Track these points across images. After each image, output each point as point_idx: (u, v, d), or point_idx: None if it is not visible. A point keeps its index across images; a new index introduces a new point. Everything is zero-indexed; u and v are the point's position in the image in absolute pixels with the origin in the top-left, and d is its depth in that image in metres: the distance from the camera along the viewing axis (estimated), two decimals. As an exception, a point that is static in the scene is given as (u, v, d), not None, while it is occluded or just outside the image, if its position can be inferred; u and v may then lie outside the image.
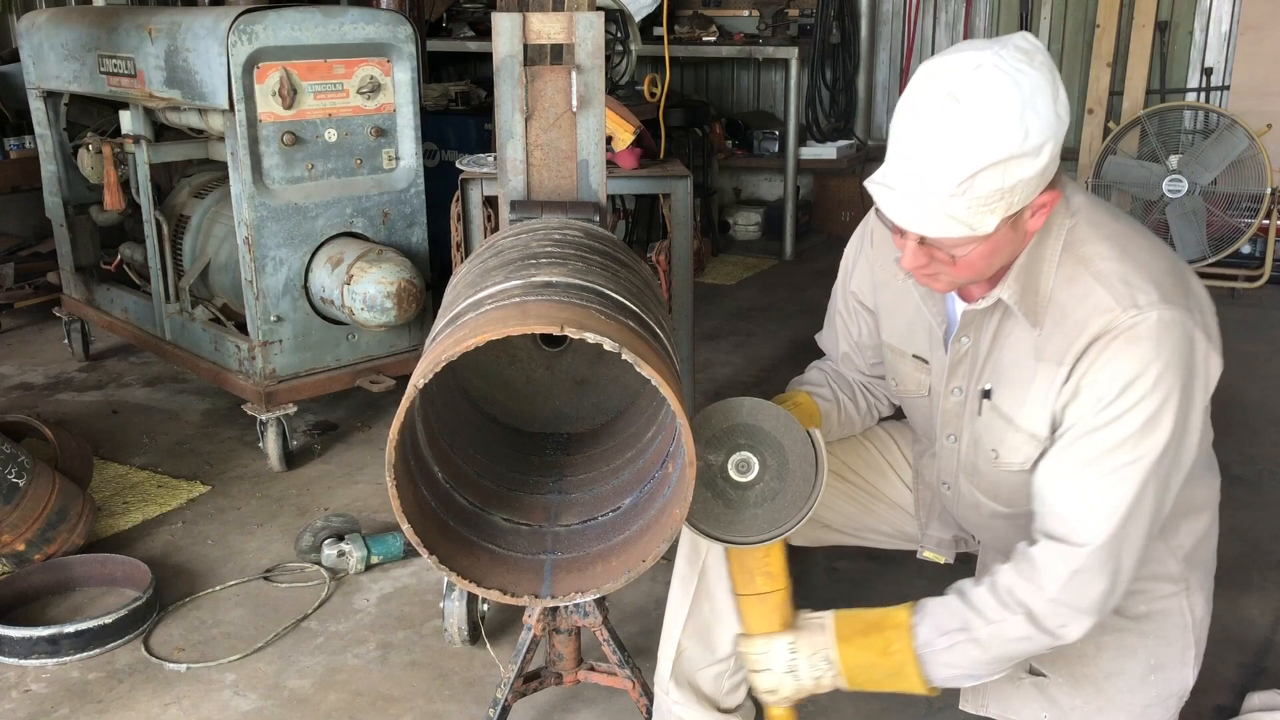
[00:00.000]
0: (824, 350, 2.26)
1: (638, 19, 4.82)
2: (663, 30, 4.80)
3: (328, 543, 3.00)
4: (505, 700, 2.15)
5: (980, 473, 1.91)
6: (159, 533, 3.25)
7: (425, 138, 3.80)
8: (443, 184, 3.54)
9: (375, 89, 3.59)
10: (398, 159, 3.72)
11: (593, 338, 1.52)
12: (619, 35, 3.55)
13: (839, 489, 2.21)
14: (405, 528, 1.61)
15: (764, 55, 6.36)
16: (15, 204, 5.30)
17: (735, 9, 6.75)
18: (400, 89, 3.65)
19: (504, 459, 2.10)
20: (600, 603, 2.13)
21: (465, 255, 3.12)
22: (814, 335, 2.29)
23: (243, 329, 3.68)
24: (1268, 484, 3.50)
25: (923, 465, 2.15)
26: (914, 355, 1.98)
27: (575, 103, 2.17)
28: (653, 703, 2.13)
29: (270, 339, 3.54)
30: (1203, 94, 5.89)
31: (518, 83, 2.17)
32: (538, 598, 1.70)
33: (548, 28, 2.15)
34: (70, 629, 2.63)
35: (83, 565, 2.95)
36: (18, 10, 7.53)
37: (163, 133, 3.86)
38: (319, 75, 3.46)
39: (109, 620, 2.66)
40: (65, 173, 4.35)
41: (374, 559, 3.02)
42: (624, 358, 1.53)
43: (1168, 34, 5.95)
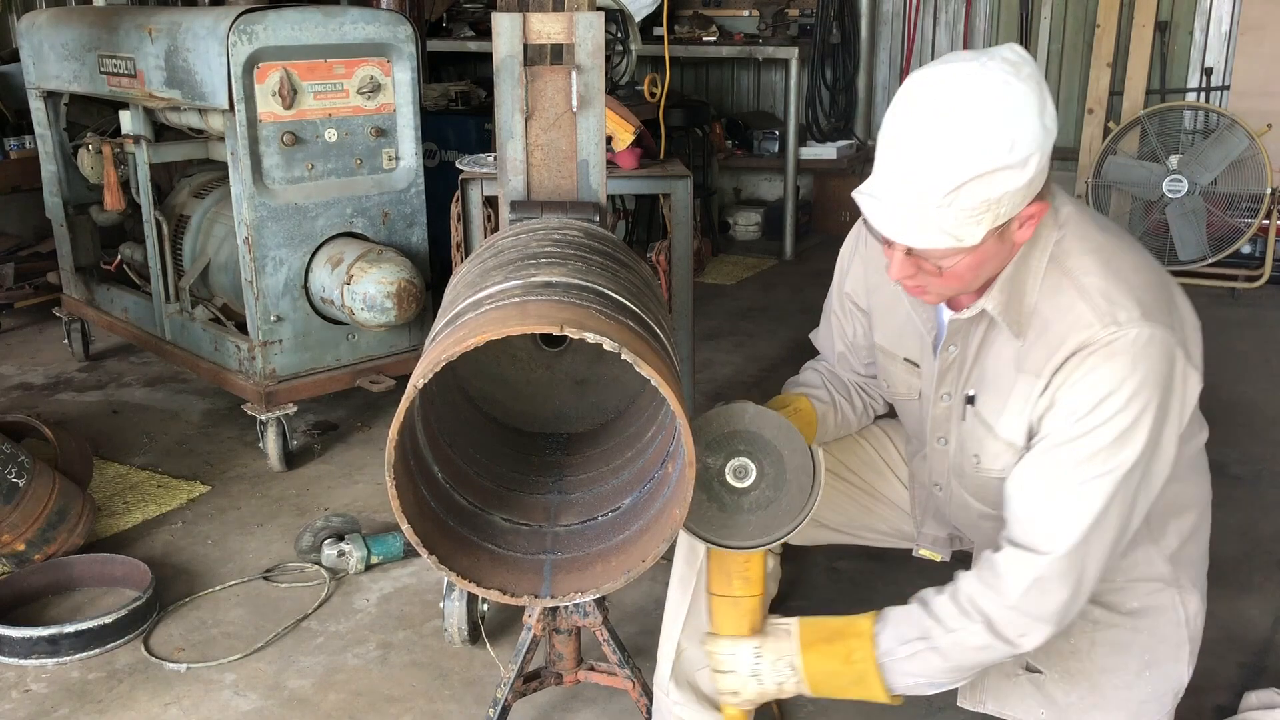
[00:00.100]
0: (819, 349, 2.27)
1: (638, 19, 4.82)
2: (663, 30, 4.80)
3: (328, 543, 3.00)
4: (505, 700, 2.15)
5: (966, 475, 1.93)
6: (159, 533, 3.25)
7: (425, 138, 3.80)
8: (443, 184, 3.55)
9: (375, 89, 3.59)
10: (398, 159, 3.72)
11: (593, 338, 1.52)
12: (619, 35, 3.55)
13: (836, 488, 2.22)
14: (405, 528, 1.61)
15: (764, 55, 6.36)
16: (15, 204, 5.30)
17: (735, 9, 6.75)
18: (400, 89, 3.65)
19: (504, 459, 2.10)
20: (600, 603, 2.13)
21: (465, 255, 3.12)
22: (809, 335, 2.31)
23: (243, 329, 3.68)
24: (1268, 484, 3.50)
25: (915, 466, 2.17)
26: (905, 359, 2.00)
27: (575, 103, 2.17)
28: (653, 703, 2.14)
29: (270, 339, 3.54)
30: (1203, 94, 5.89)
31: (518, 83, 2.17)
32: (538, 598, 1.70)
33: (548, 28, 2.15)
34: (70, 629, 2.63)
35: (83, 565, 2.95)
36: (18, 10, 7.53)
37: (163, 133, 3.86)
38: (319, 75, 3.46)
39: (109, 620, 2.66)
40: (65, 173, 4.35)
41: (374, 559, 3.02)
42: (624, 358, 1.53)
43: (1168, 34, 5.95)
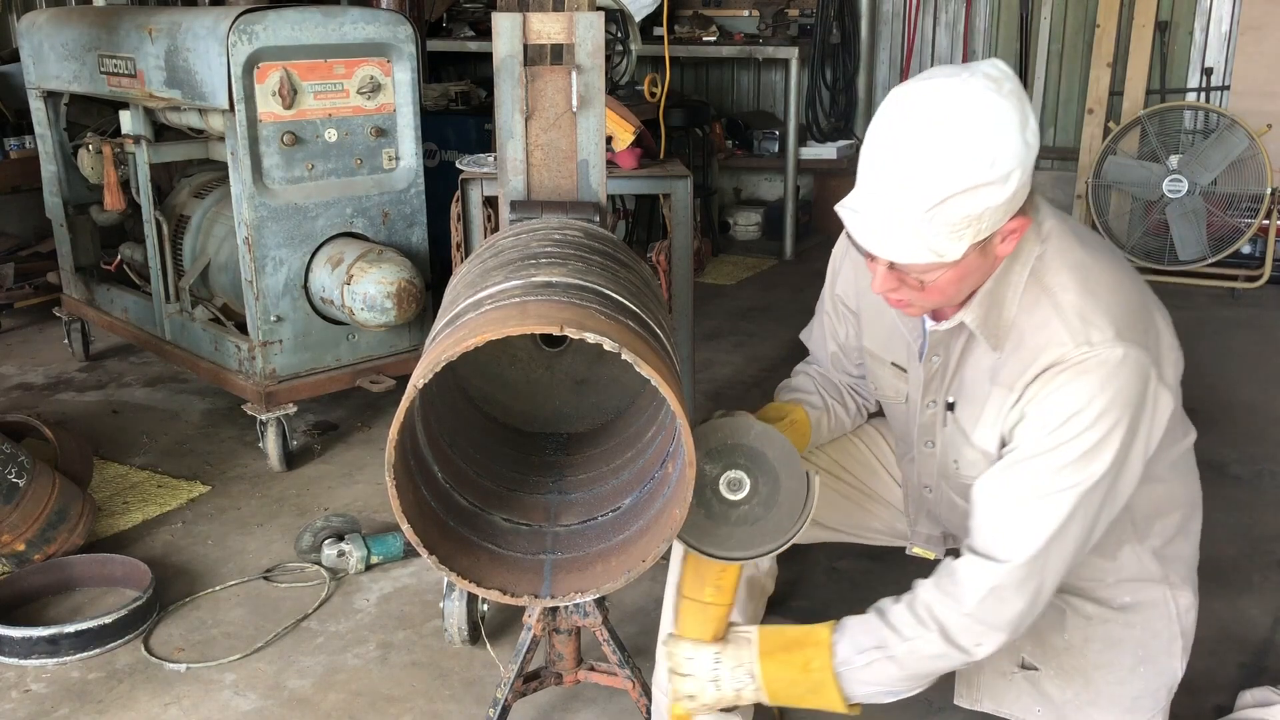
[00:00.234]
0: (810, 350, 2.29)
1: (638, 19, 4.82)
2: (663, 30, 4.80)
3: (328, 543, 3.00)
4: (505, 700, 2.15)
5: (951, 478, 1.96)
6: (159, 533, 3.25)
7: (425, 138, 3.80)
8: (443, 184, 3.54)
9: (375, 89, 3.59)
10: (398, 159, 3.72)
11: (593, 338, 1.52)
12: (619, 35, 3.55)
13: (832, 487, 2.25)
14: (405, 528, 1.61)
15: (764, 55, 6.35)
16: (15, 204, 5.30)
17: (735, 9, 6.75)
18: (400, 89, 3.65)
19: (504, 459, 2.10)
20: (600, 603, 2.13)
21: (465, 255, 3.12)
22: (800, 334, 2.32)
23: (243, 329, 3.68)
24: (1268, 484, 3.50)
25: (905, 467, 2.19)
26: (893, 364, 2.02)
27: (575, 103, 2.17)
28: (652, 703, 2.14)
29: (270, 339, 3.54)
30: (1203, 94, 5.89)
31: (518, 83, 2.17)
32: (538, 598, 1.70)
33: (548, 28, 2.15)
34: (70, 629, 2.63)
35: (83, 565, 2.95)
36: (18, 10, 7.53)
37: (163, 133, 3.85)
38: (319, 75, 3.46)
39: (109, 620, 2.66)
40: (65, 173, 4.35)
41: (374, 559, 3.02)
42: (624, 358, 1.53)
43: (1168, 34, 5.95)
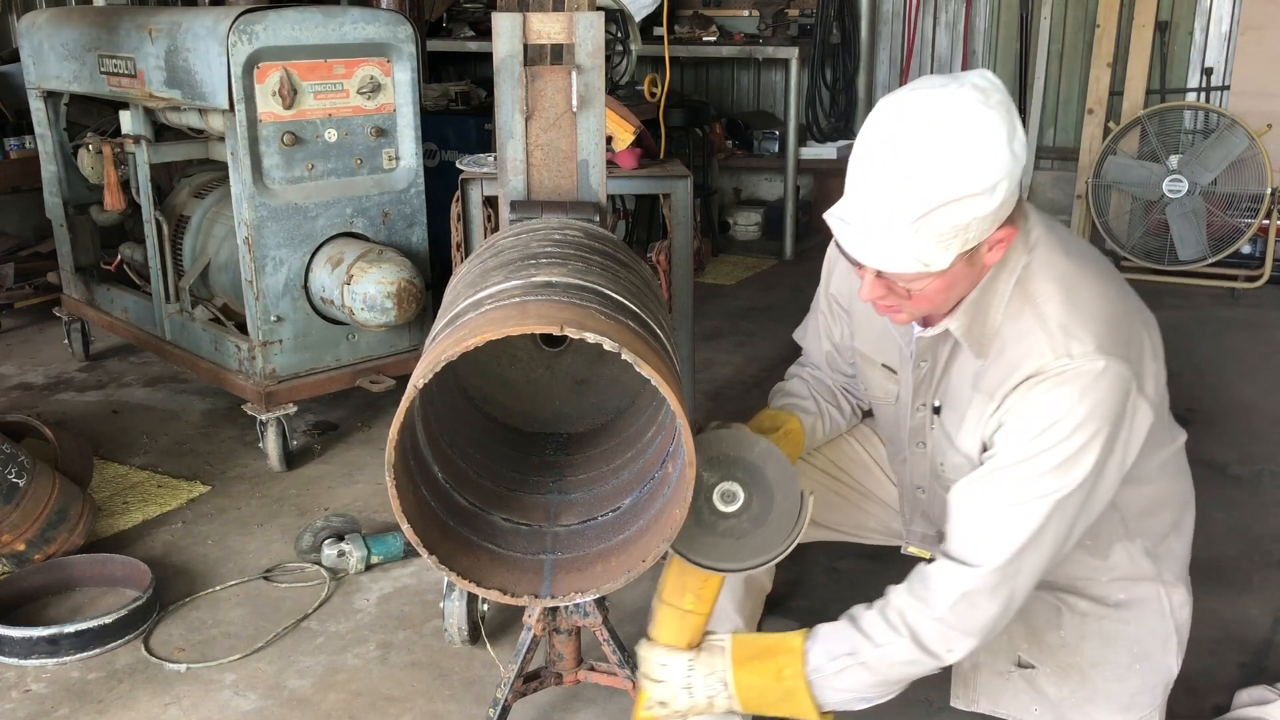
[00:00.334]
0: (804, 349, 2.30)
1: (638, 19, 4.82)
2: (663, 30, 4.79)
3: (328, 543, 3.00)
4: (505, 700, 2.15)
5: (939, 479, 1.98)
6: (159, 533, 3.25)
7: (425, 138, 3.79)
8: (443, 184, 3.55)
9: (375, 89, 3.59)
10: (398, 159, 3.72)
11: (593, 338, 1.52)
12: (619, 35, 3.56)
13: (827, 486, 2.26)
14: (405, 528, 1.61)
15: (764, 55, 6.36)
16: (15, 204, 5.30)
17: (735, 9, 6.75)
18: (400, 89, 3.65)
19: (504, 459, 2.10)
20: (600, 603, 2.13)
21: (465, 255, 3.13)
22: (794, 334, 2.33)
23: (243, 329, 3.68)
24: (1268, 484, 3.50)
25: (897, 468, 2.20)
26: (883, 365, 2.04)
27: (575, 103, 2.17)
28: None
29: (270, 339, 3.54)
30: (1203, 94, 5.89)
31: (518, 83, 2.17)
32: (538, 598, 1.70)
33: (548, 28, 2.15)
34: (70, 629, 2.63)
35: (83, 565, 2.95)
36: (18, 10, 7.53)
37: (163, 133, 3.85)
38: (319, 75, 3.46)
39: (109, 620, 2.66)
40: (65, 173, 4.35)
41: (374, 559, 3.02)
42: (624, 358, 1.53)
43: (1168, 34, 5.95)
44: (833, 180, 6.74)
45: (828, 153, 6.60)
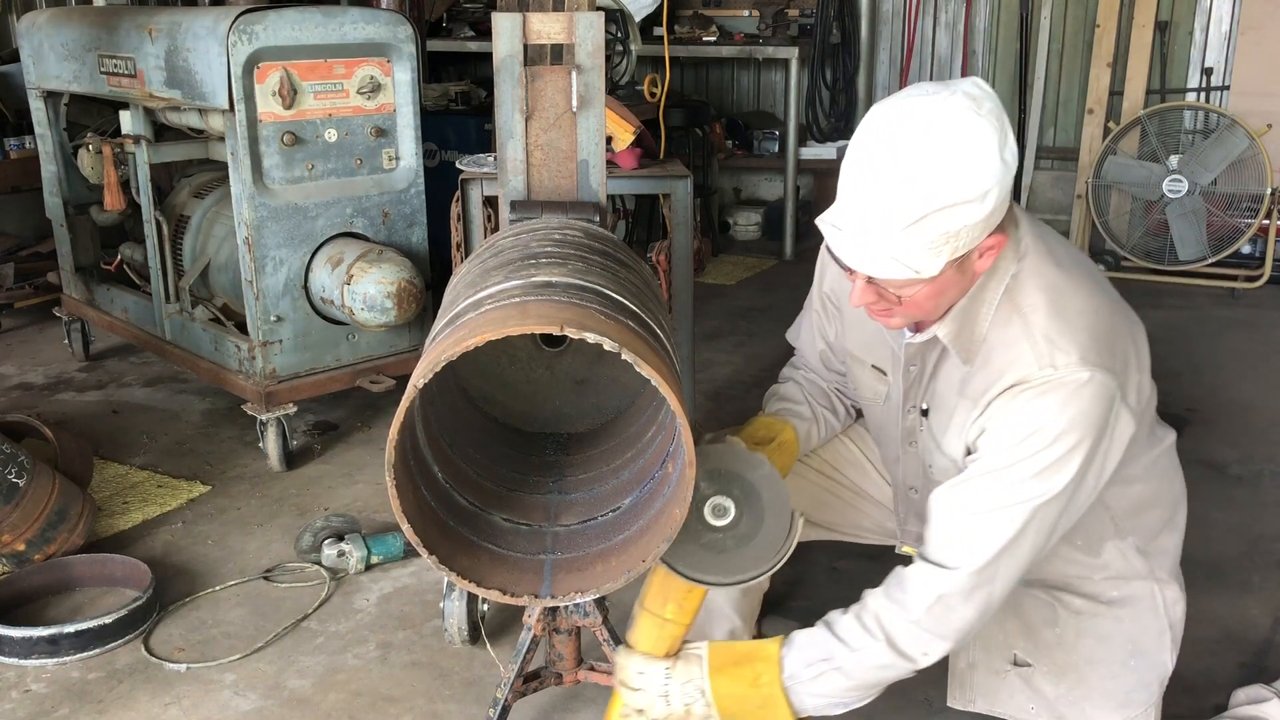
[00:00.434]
0: (796, 348, 2.30)
1: (638, 19, 4.82)
2: (663, 30, 4.79)
3: (328, 543, 3.00)
4: (505, 700, 2.15)
5: (929, 481, 1.98)
6: (159, 533, 3.25)
7: (425, 138, 3.80)
8: (443, 184, 3.55)
9: (375, 89, 3.59)
10: (398, 159, 3.72)
11: (593, 338, 1.52)
12: (619, 35, 3.56)
13: (822, 486, 2.27)
14: (405, 528, 1.61)
15: (764, 55, 6.36)
16: (15, 204, 5.30)
17: (735, 9, 6.75)
18: (400, 89, 3.65)
19: (504, 459, 2.10)
20: (600, 603, 2.13)
21: (465, 255, 3.13)
22: (786, 334, 2.33)
23: (243, 329, 3.68)
24: (1268, 484, 3.50)
25: (890, 468, 2.21)
26: (873, 366, 2.04)
27: (575, 103, 2.17)
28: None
29: (270, 339, 3.54)
30: (1203, 94, 5.89)
31: (518, 83, 2.17)
32: (538, 598, 1.71)
33: (548, 28, 2.15)
34: (70, 629, 2.63)
35: (83, 565, 2.95)
36: (18, 10, 7.53)
37: (163, 133, 3.85)
38: (319, 75, 3.46)
39: (109, 620, 2.66)
40: (65, 173, 4.35)
41: (374, 559, 3.02)
42: (624, 358, 1.53)
43: (1168, 34, 5.95)
44: (832, 180, 6.69)
45: (828, 153, 6.60)
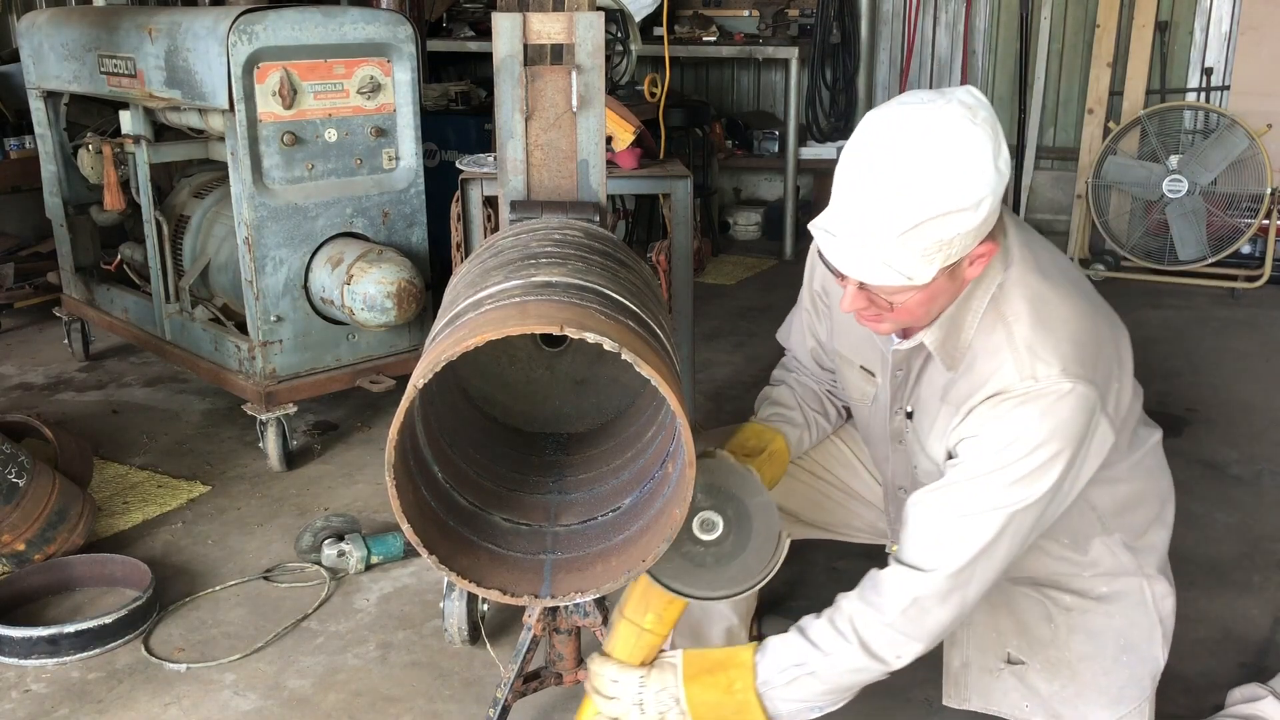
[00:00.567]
0: (786, 348, 2.31)
1: (638, 19, 4.82)
2: (663, 30, 4.80)
3: (328, 543, 3.00)
4: (505, 700, 2.15)
5: (915, 481, 1.99)
6: (159, 533, 3.25)
7: (425, 138, 3.80)
8: (443, 184, 3.54)
9: (375, 89, 3.59)
10: (398, 159, 3.72)
11: (593, 338, 1.52)
12: (619, 35, 3.56)
13: (813, 486, 2.29)
14: (405, 528, 1.61)
15: (764, 55, 6.36)
16: (15, 204, 5.30)
17: (735, 9, 6.74)
18: (400, 89, 3.65)
19: (504, 459, 2.10)
20: (600, 603, 2.13)
21: (465, 255, 3.13)
22: (776, 334, 2.34)
23: (243, 329, 3.68)
24: (1268, 484, 3.50)
25: (880, 468, 2.22)
26: (861, 366, 2.05)
27: (575, 103, 2.17)
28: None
29: (270, 339, 3.54)
30: (1203, 94, 5.89)
31: (518, 83, 2.17)
32: (538, 598, 1.70)
33: (548, 28, 2.15)
34: (70, 629, 2.63)
35: (83, 565, 2.95)
36: (18, 10, 7.53)
37: (163, 133, 3.85)
38: (319, 75, 3.46)
39: (109, 620, 2.66)
40: (65, 173, 4.35)
41: (374, 559, 3.02)
42: (624, 358, 1.53)
43: (1168, 34, 5.95)
44: (832, 180, 6.74)
45: (827, 153, 6.60)
